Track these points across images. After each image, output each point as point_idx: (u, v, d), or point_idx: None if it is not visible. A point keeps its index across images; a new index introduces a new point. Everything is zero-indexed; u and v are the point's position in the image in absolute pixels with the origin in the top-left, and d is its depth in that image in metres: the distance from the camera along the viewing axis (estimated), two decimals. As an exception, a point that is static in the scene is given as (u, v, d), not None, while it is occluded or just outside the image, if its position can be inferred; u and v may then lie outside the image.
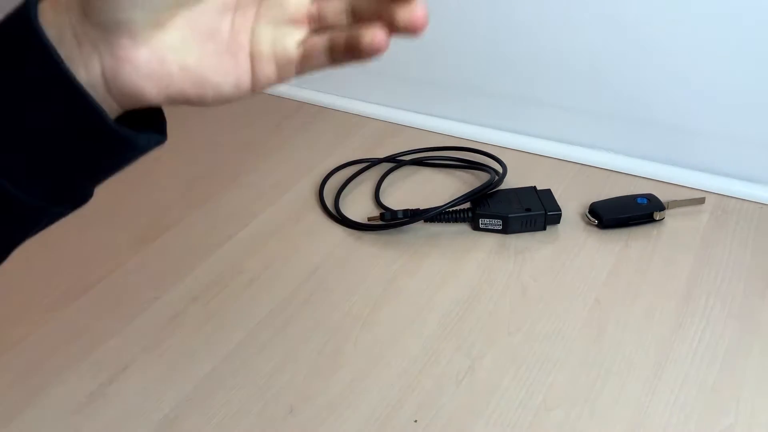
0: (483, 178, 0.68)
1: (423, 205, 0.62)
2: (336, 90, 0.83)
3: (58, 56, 0.27)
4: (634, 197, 0.62)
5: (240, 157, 0.74)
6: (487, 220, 0.61)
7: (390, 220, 0.61)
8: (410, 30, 0.29)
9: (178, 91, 0.30)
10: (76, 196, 0.32)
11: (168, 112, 0.33)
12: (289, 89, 0.85)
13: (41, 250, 0.62)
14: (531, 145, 0.72)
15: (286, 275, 0.58)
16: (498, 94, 0.73)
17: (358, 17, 0.31)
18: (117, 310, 0.55)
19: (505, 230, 0.61)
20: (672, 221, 0.61)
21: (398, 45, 0.45)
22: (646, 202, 0.61)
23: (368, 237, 0.62)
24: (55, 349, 0.52)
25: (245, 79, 0.31)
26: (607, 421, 0.45)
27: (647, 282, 0.55)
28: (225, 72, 0.31)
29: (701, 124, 0.65)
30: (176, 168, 0.72)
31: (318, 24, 0.31)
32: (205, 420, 0.46)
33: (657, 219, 0.61)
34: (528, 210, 0.60)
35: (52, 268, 0.60)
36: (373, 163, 0.71)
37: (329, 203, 0.66)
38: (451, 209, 0.61)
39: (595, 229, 0.61)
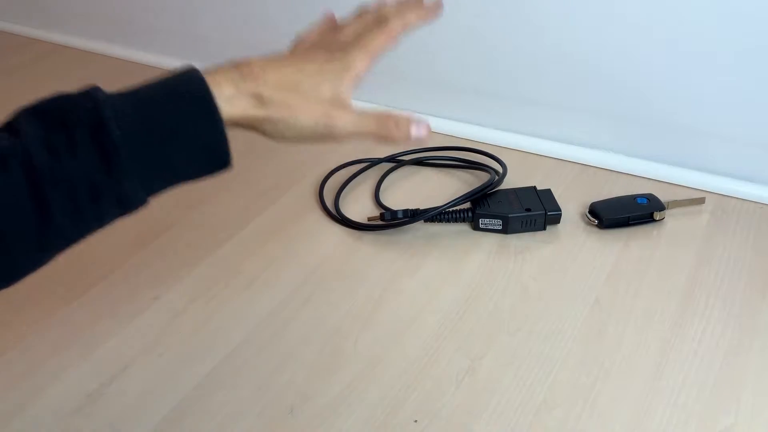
0: (483, 178, 0.68)
1: (423, 205, 0.62)
2: (336, 90, 0.83)
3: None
4: (634, 197, 0.62)
5: (240, 157, 0.74)
6: (487, 220, 0.61)
7: (390, 220, 0.61)
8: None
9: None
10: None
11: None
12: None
13: (41, 250, 0.62)
14: (531, 145, 0.72)
15: (286, 275, 0.58)
16: (498, 94, 0.73)
17: None
18: (117, 310, 0.55)
19: (505, 230, 0.61)
20: (672, 221, 0.61)
21: (398, 45, 0.45)
22: (646, 202, 0.61)
23: (368, 237, 0.62)
24: (55, 349, 0.52)
25: None
26: (607, 421, 0.45)
27: (647, 282, 0.55)
28: None
29: (701, 124, 0.65)
30: (176, 168, 0.72)
31: None
32: (205, 420, 0.46)
33: (657, 219, 0.61)
34: (528, 210, 0.60)
35: (52, 268, 0.60)
36: (373, 163, 0.71)
37: (329, 203, 0.66)
38: (451, 209, 0.61)
39: (595, 229, 0.61)
